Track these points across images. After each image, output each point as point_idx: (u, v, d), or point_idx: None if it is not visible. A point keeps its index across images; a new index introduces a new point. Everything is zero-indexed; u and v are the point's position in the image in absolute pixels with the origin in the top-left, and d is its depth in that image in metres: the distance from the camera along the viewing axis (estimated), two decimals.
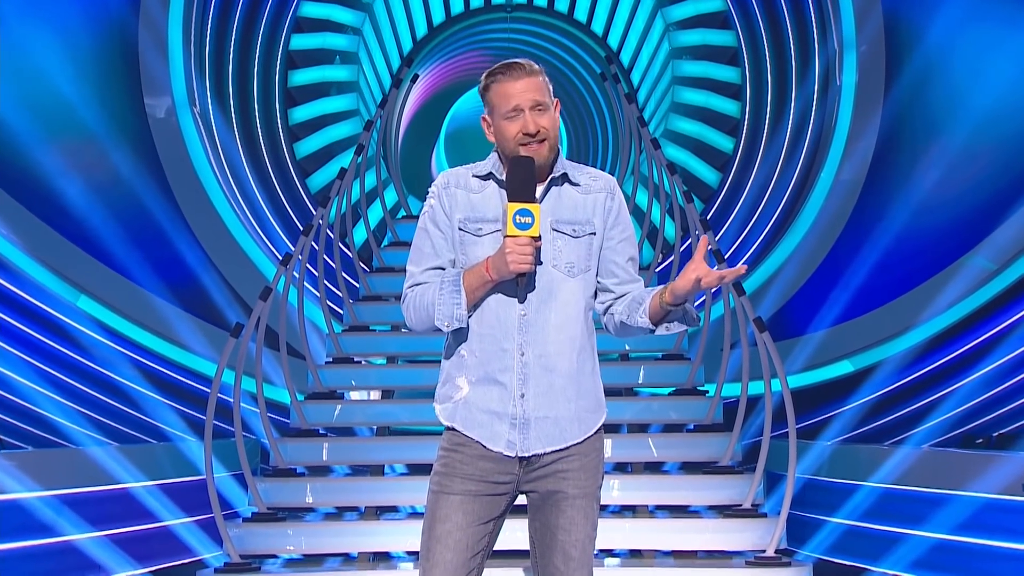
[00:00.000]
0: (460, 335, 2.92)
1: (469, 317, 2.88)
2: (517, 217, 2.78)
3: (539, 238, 2.81)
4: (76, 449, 6.72)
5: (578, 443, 2.89)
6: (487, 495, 2.87)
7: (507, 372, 2.85)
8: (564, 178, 2.97)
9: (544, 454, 2.86)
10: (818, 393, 8.77)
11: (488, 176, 2.97)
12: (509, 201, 2.80)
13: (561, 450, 2.87)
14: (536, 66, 2.92)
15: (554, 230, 2.90)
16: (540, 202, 2.90)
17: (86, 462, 5.95)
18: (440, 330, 2.90)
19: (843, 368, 8.87)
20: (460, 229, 2.93)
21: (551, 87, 2.95)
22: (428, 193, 3.01)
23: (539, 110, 2.88)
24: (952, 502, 5.60)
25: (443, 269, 2.95)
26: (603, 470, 2.98)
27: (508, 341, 2.85)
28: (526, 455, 2.86)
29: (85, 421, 7.72)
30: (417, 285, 2.95)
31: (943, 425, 7.95)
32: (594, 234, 2.94)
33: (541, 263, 2.86)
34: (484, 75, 2.94)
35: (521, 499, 2.97)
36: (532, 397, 2.85)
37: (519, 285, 2.83)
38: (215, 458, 6.00)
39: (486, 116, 2.96)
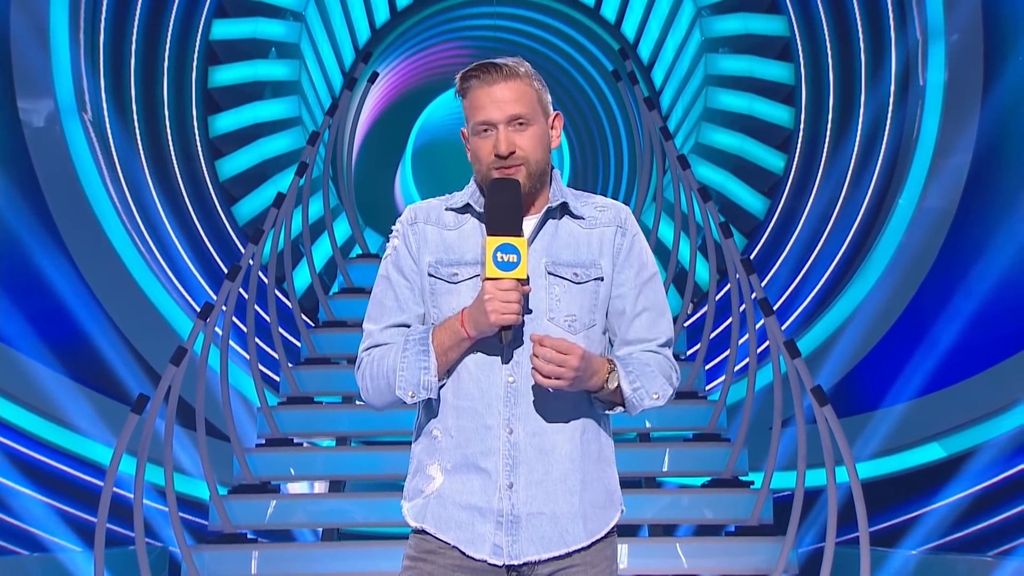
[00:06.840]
0: (432, 410, 2.92)
1: (441, 386, 2.89)
2: (499, 255, 2.78)
3: (527, 281, 2.81)
4: None
5: (583, 548, 2.88)
6: None
7: (491, 456, 2.85)
8: (563, 209, 2.98)
9: (539, 562, 2.86)
10: (898, 485, 8.78)
11: (465, 209, 2.99)
12: (488, 234, 2.81)
13: (561, 558, 2.86)
14: (523, 67, 2.93)
15: (551, 274, 2.91)
16: (534, 239, 2.92)
17: None
18: (404, 403, 2.89)
19: (931, 453, 8.88)
20: (431, 275, 2.94)
21: (546, 96, 2.97)
22: (391, 232, 3.03)
23: (518, 125, 2.89)
24: None
25: (409, 327, 2.96)
26: None
27: (492, 415, 2.85)
28: (516, 563, 2.85)
29: None
30: (375, 347, 2.96)
31: None
32: (601, 279, 2.95)
33: (530, 312, 2.87)
34: (458, 76, 2.95)
35: None
36: (523, 488, 2.85)
37: (503, 341, 2.83)
38: (108, 573, 5.98)
39: (464, 130, 2.98)
